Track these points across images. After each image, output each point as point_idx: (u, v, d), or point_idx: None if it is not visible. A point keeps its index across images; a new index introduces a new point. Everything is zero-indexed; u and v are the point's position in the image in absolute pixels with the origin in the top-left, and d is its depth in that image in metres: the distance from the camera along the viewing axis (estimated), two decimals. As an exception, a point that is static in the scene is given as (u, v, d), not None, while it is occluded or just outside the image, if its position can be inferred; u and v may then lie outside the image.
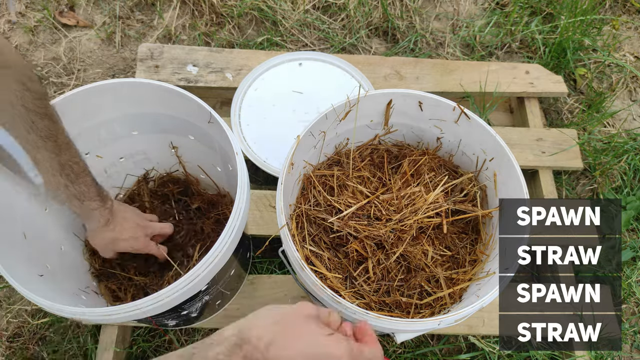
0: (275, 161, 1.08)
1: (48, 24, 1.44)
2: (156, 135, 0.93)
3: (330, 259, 0.80)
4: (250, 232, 1.01)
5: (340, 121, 0.84)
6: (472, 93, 1.25)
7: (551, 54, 1.40)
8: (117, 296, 0.92)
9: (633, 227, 1.21)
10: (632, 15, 1.59)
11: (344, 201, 0.82)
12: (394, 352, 1.03)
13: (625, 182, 1.25)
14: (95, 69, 1.38)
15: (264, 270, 1.09)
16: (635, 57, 1.49)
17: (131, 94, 0.82)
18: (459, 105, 0.81)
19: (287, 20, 1.45)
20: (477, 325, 0.98)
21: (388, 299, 0.77)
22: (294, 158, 0.76)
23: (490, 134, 0.78)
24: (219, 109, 1.27)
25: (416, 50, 1.46)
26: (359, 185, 0.84)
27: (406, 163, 0.88)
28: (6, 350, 1.03)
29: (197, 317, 0.89)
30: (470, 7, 1.55)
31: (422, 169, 0.87)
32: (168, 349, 1.03)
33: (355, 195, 0.83)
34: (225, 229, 0.67)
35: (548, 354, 1.02)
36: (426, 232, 0.82)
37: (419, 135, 0.91)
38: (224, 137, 0.76)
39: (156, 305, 0.62)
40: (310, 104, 1.17)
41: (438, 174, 0.88)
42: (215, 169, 0.96)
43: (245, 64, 1.24)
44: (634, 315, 1.12)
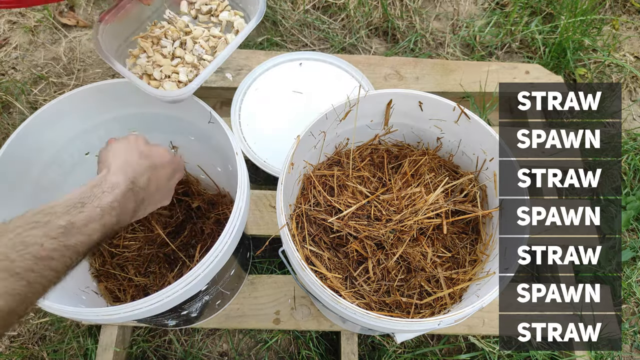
0: (275, 161, 1.08)
1: (48, 24, 1.44)
2: (156, 135, 0.93)
3: (330, 259, 0.80)
4: (250, 232, 1.01)
5: (341, 121, 0.84)
6: (472, 93, 1.25)
7: (551, 54, 1.40)
8: (117, 296, 0.92)
9: (633, 227, 1.21)
10: (632, 15, 1.59)
11: (344, 201, 0.82)
12: (394, 352, 1.03)
13: (625, 182, 1.25)
14: (95, 69, 1.38)
15: (264, 270, 1.09)
16: (635, 57, 1.49)
17: (131, 94, 0.82)
18: (459, 105, 0.81)
19: (287, 20, 1.45)
20: (477, 325, 0.98)
21: (388, 299, 0.77)
22: (294, 158, 0.76)
23: (490, 134, 0.78)
24: (219, 109, 1.27)
25: (416, 50, 1.46)
26: (358, 186, 0.84)
27: (406, 163, 0.88)
28: (6, 350, 1.03)
29: (197, 317, 0.89)
30: (470, 7, 1.55)
31: (422, 169, 0.87)
32: (168, 349, 1.03)
33: (355, 196, 0.83)
34: (225, 229, 0.67)
35: (548, 354, 1.02)
36: (426, 234, 0.82)
37: (419, 135, 0.91)
38: (224, 137, 0.76)
39: (156, 305, 0.62)
40: (310, 104, 1.17)
41: (438, 174, 0.88)
42: (215, 169, 0.96)
43: (245, 64, 1.24)
44: (634, 315, 1.12)
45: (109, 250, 0.95)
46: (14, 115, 1.30)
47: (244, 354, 1.04)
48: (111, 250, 0.95)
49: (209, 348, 1.04)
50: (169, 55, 0.78)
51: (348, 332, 0.97)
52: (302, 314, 0.97)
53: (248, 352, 1.04)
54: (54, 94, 1.33)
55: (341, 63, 1.21)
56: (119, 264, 0.95)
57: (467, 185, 0.85)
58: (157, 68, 0.76)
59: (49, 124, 0.77)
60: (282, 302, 0.98)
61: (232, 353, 1.03)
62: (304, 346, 1.04)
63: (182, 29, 0.79)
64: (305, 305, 0.98)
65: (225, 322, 0.96)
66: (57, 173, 0.84)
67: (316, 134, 0.82)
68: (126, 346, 0.99)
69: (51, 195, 0.83)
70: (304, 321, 0.97)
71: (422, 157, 0.89)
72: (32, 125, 0.75)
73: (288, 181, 0.76)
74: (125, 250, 0.95)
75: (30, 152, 0.76)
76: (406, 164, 0.88)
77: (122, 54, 0.79)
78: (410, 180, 0.86)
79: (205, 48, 0.79)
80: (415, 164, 0.88)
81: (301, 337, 1.05)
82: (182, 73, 0.76)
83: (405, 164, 0.88)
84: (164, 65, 0.76)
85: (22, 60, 1.38)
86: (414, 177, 0.87)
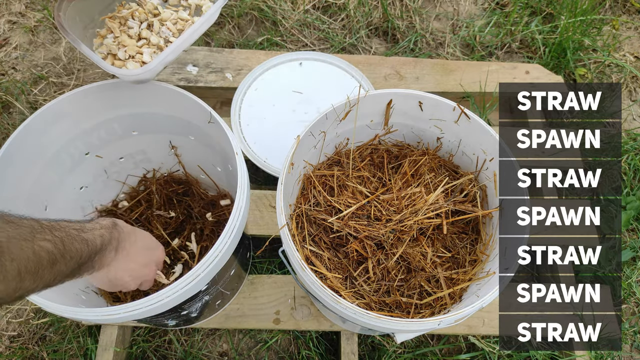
0: (275, 161, 1.08)
1: (48, 24, 1.44)
2: (156, 135, 0.93)
3: (330, 259, 0.80)
4: (250, 232, 1.01)
5: (340, 121, 0.84)
6: (472, 93, 1.25)
7: (551, 54, 1.40)
8: (117, 296, 0.92)
9: (633, 227, 1.21)
10: (632, 15, 1.59)
11: (344, 201, 0.82)
12: (394, 352, 1.03)
13: (625, 182, 1.25)
14: (95, 69, 1.38)
15: (264, 270, 1.09)
16: (635, 57, 1.49)
17: (131, 94, 0.82)
18: (459, 105, 0.81)
19: (287, 20, 1.45)
20: (477, 325, 0.98)
21: (388, 299, 0.77)
22: (294, 158, 0.76)
23: (490, 134, 0.78)
24: (219, 109, 1.27)
25: (416, 50, 1.46)
26: (358, 186, 0.84)
27: (406, 163, 0.88)
28: (6, 350, 1.03)
29: (197, 317, 0.89)
30: (470, 7, 1.55)
31: (422, 169, 0.87)
32: (168, 349, 1.03)
33: (355, 196, 0.83)
34: (225, 229, 0.67)
35: (548, 354, 1.02)
36: (426, 234, 0.82)
37: (419, 135, 0.91)
38: (224, 137, 0.76)
39: (156, 305, 0.62)
40: (310, 104, 1.17)
41: (438, 174, 0.88)
42: (215, 169, 0.96)
43: (245, 64, 1.24)
44: (634, 315, 1.12)
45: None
46: (14, 115, 1.30)
47: (244, 354, 1.04)
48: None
49: (209, 348, 1.04)
50: (135, 37, 0.79)
51: (348, 332, 0.97)
52: (302, 314, 0.97)
53: (248, 352, 1.04)
54: (54, 94, 1.33)
55: (341, 63, 1.21)
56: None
57: (467, 185, 0.85)
58: (122, 48, 0.78)
59: (49, 124, 0.77)
60: (282, 302, 0.98)
61: (232, 353, 1.03)
62: (304, 346, 1.04)
63: (150, 10, 0.81)
64: (305, 305, 0.98)
65: (225, 322, 0.96)
66: (57, 173, 0.84)
67: (316, 134, 0.82)
68: (126, 346, 0.99)
69: (51, 195, 0.83)
70: (304, 321, 0.97)
71: (422, 157, 0.89)
72: (32, 125, 0.75)
73: (288, 181, 0.76)
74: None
75: (30, 152, 0.76)
76: (406, 164, 0.88)
77: (90, 34, 0.80)
78: (410, 180, 0.86)
79: (172, 31, 0.80)
80: (415, 164, 0.88)
81: (301, 337, 1.05)
82: (146, 54, 0.78)
83: (405, 164, 0.88)
84: (128, 45, 0.77)
85: (22, 60, 1.38)
86: (414, 177, 0.87)
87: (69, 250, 0.50)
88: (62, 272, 0.50)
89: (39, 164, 0.79)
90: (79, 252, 0.52)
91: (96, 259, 0.57)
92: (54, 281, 0.49)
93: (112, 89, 0.80)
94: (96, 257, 0.57)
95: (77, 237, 0.52)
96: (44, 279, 0.47)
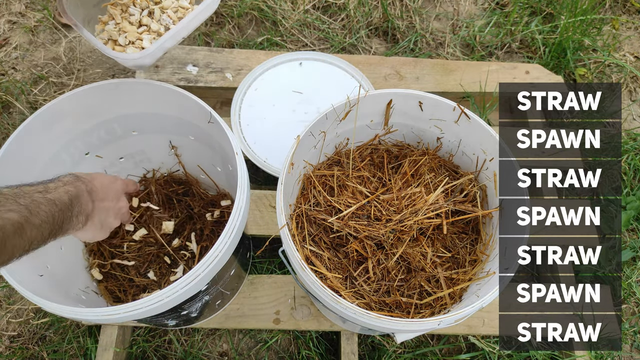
0: (275, 161, 1.08)
1: (48, 24, 1.44)
2: (156, 135, 0.93)
3: (330, 259, 0.80)
4: (250, 232, 1.01)
5: (340, 121, 0.84)
6: (472, 93, 1.25)
7: (551, 54, 1.40)
8: (117, 296, 0.92)
9: (633, 227, 1.21)
10: (632, 15, 1.59)
11: (344, 201, 0.82)
12: (394, 352, 1.03)
13: (625, 182, 1.25)
14: (95, 69, 1.38)
15: (264, 270, 1.09)
16: (635, 57, 1.49)
17: (131, 94, 0.82)
18: (459, 105, 0.81)
19: (287, 20, 1.45)
20: (477, 325, 0.98)
21: (388, 299, 0.77)
22: (294, 158, 0.76)
23: (490, 134, 0.78)
24: (219, 109, 1.27)
25: (416, 50, 1.46)
26: (358, 186, 0.84)
27: (406, 163, 0.88)
28: (6, 350, 1.03)
29: (197, 317, 0.89)
30: (470, 7, 1.55)
31: (422, 169, 0.87)
32: (168, 349, 1.03)
33: (355, 196, 0.83)
34: (225, 229, 0.67)
35: (548, 354, 1.02)
36: (426, 234, 0.82)
37: (419, 135, 0.91)
38: (224, 137, 0.76)
39: (156, 305, 0.62)
40: (310, 104, 1.17)
41: (438, 174, 0.88)
42: (215, 169, 0.96)
43: (245, 64, 1.24)
44: (634, 315, 1.12)
45: (109, 250, 0.95)
46: (14, 115, 1.30)
47: (244, 354, 1.04)
48: (111, 251, 0.95)
49: (209, 348, 1.04)
50: (136, 23, 0.81)
51: (348, 332, 0.97)
52: (302, 314, 0.97)
53: (248, 352, 1.04)
54: (54, 94, 1.33)
55: (341, 63, 1.21)
56: (119, 265, 0.95)
57: (467, 185, 0.85)
58: (122, 34, 0.80)
59: (49, 124, 0.77)
60: (282, 302, 0.98)
61: (232, 353, 1.03)
62: (304, 346, 1.04)
63: None
64: (305, 305, 0.98)
65: (225, 322, 0.96)
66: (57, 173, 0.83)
67: (316, 134, 0.82)
68: (126, 346, 0.99)
69: (51, 195, 0.83)
70: (304, 321, 0.97)
71: (422, 157, 0.89)
72: (32, 125, 0.75)
73: (288, 181, 0.76)
74: (125, 250, 0.96)
75: (30, 152, 0.76)
76: (406, 164, 0.88)
77: (92, 20, 0.82)
78: (410, 180, 0.86)
79: (172, 18, 0.82)
80: (415, 164, 0.88)
81: (301, 337, 1.05)
82: (146, 40, 0.80)
83: (405, 164, 0.88)
84: (129, 31, 0.80)
85: (22, 60, 1.38)
86: (414, 177, 0.87)
87: (37, 215, 0.50)
88: (37, 238, 0.50)
89: (39, 164, 0.79)
90: (49, 214, 0.52)
91: (76, 214, 0.58)
92: (30, 247, 0.50)
93: (112, 89, 0.80)
94: (75, 213, 0.58)
95: (43, 199, 0.53)
96: (14, 249, 0.48)
